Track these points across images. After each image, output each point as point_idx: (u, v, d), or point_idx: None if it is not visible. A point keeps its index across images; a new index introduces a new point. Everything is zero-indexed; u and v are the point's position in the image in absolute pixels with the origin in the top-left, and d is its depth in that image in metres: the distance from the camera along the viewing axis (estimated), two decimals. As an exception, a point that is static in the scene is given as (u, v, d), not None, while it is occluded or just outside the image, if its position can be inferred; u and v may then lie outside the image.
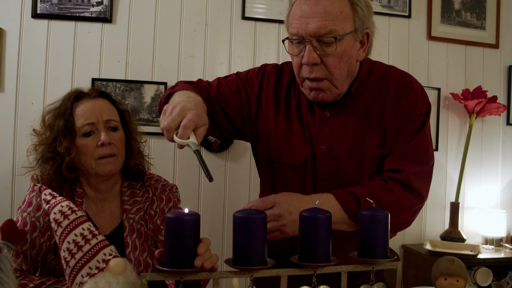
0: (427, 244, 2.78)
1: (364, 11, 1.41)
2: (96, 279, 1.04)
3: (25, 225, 1.48)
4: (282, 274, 1.00)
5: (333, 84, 1.42)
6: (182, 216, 0.89)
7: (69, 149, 1.51)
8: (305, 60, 1.38)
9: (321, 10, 1.35)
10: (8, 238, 0.98)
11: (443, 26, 3.09)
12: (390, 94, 1.49)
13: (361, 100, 1.50)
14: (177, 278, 0.91)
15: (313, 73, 1.40)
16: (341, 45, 1.37)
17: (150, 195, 1.65)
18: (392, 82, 1.51)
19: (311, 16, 1.36)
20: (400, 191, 1.40)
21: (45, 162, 1.53)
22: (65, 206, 1.14)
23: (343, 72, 1.42)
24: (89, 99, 1.58)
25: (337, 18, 1.36)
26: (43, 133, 1.57)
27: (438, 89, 3.05)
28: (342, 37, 1.36)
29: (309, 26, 1.36)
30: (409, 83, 1.52)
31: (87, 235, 1.10)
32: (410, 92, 1.49)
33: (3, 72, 2.55)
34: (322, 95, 1.43)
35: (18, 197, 2.54)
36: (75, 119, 1.54)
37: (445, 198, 3.09)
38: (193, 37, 2.74)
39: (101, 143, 1.52)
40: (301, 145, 1.53)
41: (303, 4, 1.39)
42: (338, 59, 1.38)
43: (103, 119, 1.55)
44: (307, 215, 0.99)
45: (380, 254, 1.05)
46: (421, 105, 1.50)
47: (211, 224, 2.72)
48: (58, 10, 2.60)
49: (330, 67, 1.39)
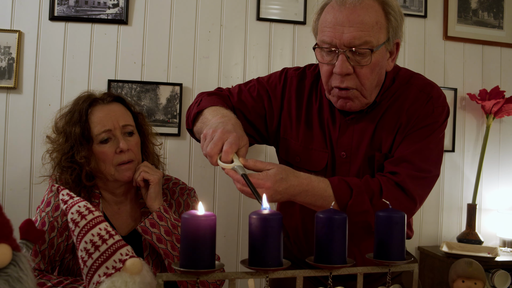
0: (444, 246, 2.75)
1: (398, 21, 1.40)
2: (113, 279, 1.05)
3: (44, 225, 1.50)
4: (297, 275, 0.99)
5: (362, 94, 1.40)
6: (199, 217, 0.89)
7: (88, 158, 1.51)
8: (337, 70, 1.35)
9: (357, 20, 1.32)
10: (27, 238, 1.00)
11: (460, 26, 3.06)
12: (408, 100, 1.47)
13: (380, 106, 1.49)
14: (193, 278, 0.92)
15: (344, 82, 1.37)
16: (375, 56, 1.35)
17: (168, 198, 1.66)
18: (413, 89, 1.49)
19: (346, 25, 1.32)
20: (394, 191, 1.37)
21: (63, 170, 1.53)
22: (82, 206, 1.15)
23: (373, 82, 1.40)
24: (103, 104, 1.58)
25: (373, 29, 1.33)
26: (58, 139, 1.57)
27: (455, 89, 3.02)
28: (377, 49, 1.34)
29: (344, 35, 1.32)
30: (431, 91, 1.49)
31: (104, 235, 1.11)
32: (429, 100, 1.46)
33: (22, 73, 2.59)
34: (350, 104, 1.42)
35: (36, 197, 2.57)
36: (91, 126, 1.53)
37: (461, 200, 3.05)
38: (208, 38, 2.75)
39: (120, 150, 1.52)
40: (322, 150, 1.51)
41: (337, 11, 1.35)
42: (371, 70, 1.37)
43: (119, 125, 1.55)
44: (323, 216, 0.98)
45: (396, 256, 1.05)
46: (438, 114, 1.46)
47: (226, 225, 2.73)
48: (75, 13, 2.63)
49: (362, 77, 1.37)
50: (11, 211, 0.90)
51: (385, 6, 1.37)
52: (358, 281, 1.04)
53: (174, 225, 1.51)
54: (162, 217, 1.50)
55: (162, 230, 1.48)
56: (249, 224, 0.94)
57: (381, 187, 1.37)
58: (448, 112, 1.52)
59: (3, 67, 2.56)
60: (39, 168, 2.56)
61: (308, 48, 2.84)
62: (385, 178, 1.39)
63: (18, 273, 0.85)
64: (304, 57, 2.84)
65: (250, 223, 0.93)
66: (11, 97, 2.58)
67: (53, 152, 1.57)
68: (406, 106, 1.46)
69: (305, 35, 2.85)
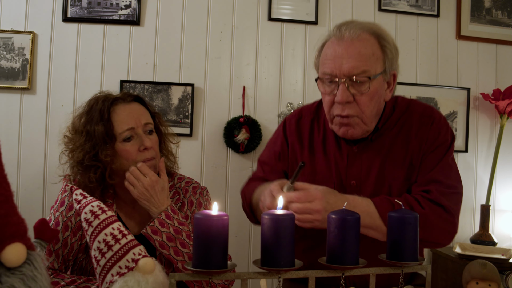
0: (457, 247, 2.73)
1: (393, 53, 1.49)
2: (125, 278, 1.05)
3: (57, 224, 1.51)
4: (310, 276, 0.99)
5: (362, 121, 1.48)
6: (211, 217, 0.89)
7: (112, 157, 1.52)
8: (338, 99, 1.44)
9: (355, 51, 1.42)
10: (41, 237, 1.00)
11: (473, 25, 3.03)
12: (413, 127, 1.55)
13: (386, 136, 1.56)
14: (206, 278, 0.92)
15: (345, 110, 1.45)
16: (373, 85, 1.44)
17: (181, 197, 1.66)
18: (414, 116, 1.57)
19: (345, 56, 1.42)
20: (433, 206, 1.42)
21: (85, 169, 1.54)
22: (95, 206, 1.16)
23: (373, 110, 1.48)
24: (125, 103, 1.59)
25: (370, 59, 1.43)
26: (78, 139, 1.56)
27: (468, 89, 2.99)
28: (374, 77, 1.43)
29: (343, 66, 1.42)
30: (432, 114, 1.57)
31: (117, 234, 1.11)
32: (433, 122, 1.55)
33: (35, 75, 2.62)
34: (351, 131, 1.49)
35: (49, 197, 2.59)
36: (114, 124, 1.53)
37: (475, 201, 3.03)
38: (220, 39, 2.76)
39: (144, 148, 1.53)
40: (327, 180, 1.58)
41: (336, 45, 1.46)
42: (370, 98, 1.45)
43: (141, 123, 1.56)
44: (336, 216, 0.98)
45: (409, 257, 1.04)
46: (444, 134, 1.55)
47: (238, 225, 2.73)
48: (88, 14, 2.65)
49: (362, 105, 1.45)
50: (25, 211, 0.91)
51: (380, 40, 1.47)
52: (371, 283, 1.04)
53: (177, 230, 1.49)
54: (169, 216, 1.51)
55: (171, 229, 1.49)
56: (262, 224, 0.94)
57: (420, 203, 1.42)
58: (452, 132, 1.59)
59: (17, 68, 2.59)
60: (53, 168, 2.59)
61: (319, 48, 2.84)
62: (419, 196, 1.44)
63: (33, 272, 0.86)
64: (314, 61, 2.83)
65: (262, 223, 0.93)
66: (25, 97, 2.60)
67: (71, 152, 1.57)
68: (413, 133, 1.55)
69: (316, 35, 2.84)
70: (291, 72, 2.82)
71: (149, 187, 1.50)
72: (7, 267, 0.83)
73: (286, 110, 2.77)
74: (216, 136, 2.73)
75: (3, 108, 2.59)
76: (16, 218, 0.87)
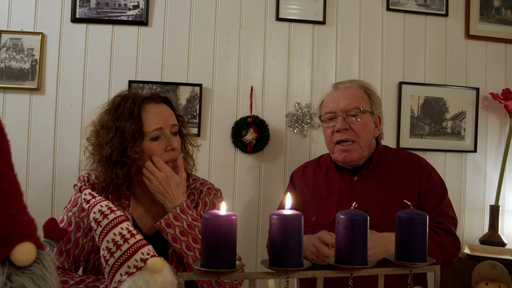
0: (466, 248, 2.71)
1: (377, 99, 1.99)
2: (134, 278, 1.05)
3: (70, 224, 1.51)
4: (318, 276, 0.99)
5: (359, 145, 1.89)
6: (220, 217, 0.90)
7: (141, 154, 1.54)
8: (337, 127, 1.89)
9: (348, 94, 1.93)
10: (50, 236, 1.01)
11: (482, 24, 3.01)
12: (405, 167, 1.95)
13: (382, 170, 1.96)
14: (214, 278, 0.92)
15: (343, 136, 1.89)
16: (363, 117, 1.90)
17: (195, 198, 1.68)
18: (405, 159, 1.99)
19: (341, 98, 1.93)
20: (446, 234, 1.81)
21: (113, 164, 1.55)
22: (104, 205, 1.16)
23: (367, 137, 1.91)
24: (155, 103, 1.62)
25: (360, 100, 1.92)
26: (105, 134, 1.57)
27: (477, 89, 2.98)
28: (364, 111, 1.90)
29: (340, 104, 1.92)
30: (419, 159, 2.00)
31: (125, 234, 1.12)
32: (423, 168, 1.95)
33: (44, 75, 2.63)
34: (350, 156, 1.89)
35: (59, 197, 2.60)
36: (143, 123, 1.56)
37: (484, 201, 3.01)
38: (228, 39, 2.76)
39: (170, 148, 1.57)
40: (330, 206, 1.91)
41: (334, 93, 1.99)
42: (363, 126, 1.89)
43: (169, 124, 1.60)
44: (344, 217, 0.98)
45: (418, 257, 1.04)
46: (434, 175, 1.96)
47: (246, 225, 2.73)
48: (96, 14, 2.66)
49: (357, 131, 1.88)
50: (34, 210, 0.91)
51: (366, 90, 1.97)
52: (379, 283, 1.03)
53: (190, 225, 1.51)
54: (184, 211, 1.53)
55: (184, 224, 1.51)
56: (270, 224, 0.94)
57: (436, 233, 1.79)
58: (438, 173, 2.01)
59: (27, 69, 2.60)
60: (62, 167, 2.61)
61: (327, 48, 2.83)
62: (434, 226, 1.81)
63: (42, 271, 0.87)
64: (323, 57, 2.83)
65: (270, 223, 0.93)
66: (34, 98, 2.62)
67: (98, 147, 1.58)
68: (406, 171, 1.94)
69: (324, 35, 2.84)
70: (299, 72, 2.81)
71: (163, 181, 1.54)
72: (17, 266, 0.84)
73: (294, 110, 2.77)
74: (224, 136, 2.73)
75: (13, 108, 2.61)
76: (26, 217, 0.88)
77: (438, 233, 1.79)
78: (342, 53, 2.86)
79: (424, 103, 2.91)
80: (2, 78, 2.59)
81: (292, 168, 2.30)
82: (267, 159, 2.77)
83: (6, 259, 0.83)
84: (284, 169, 2.77)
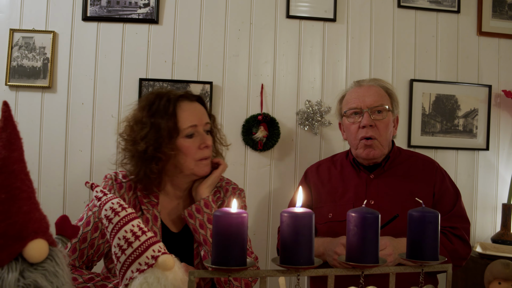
0: (478, 246, 2.69)
1: (396, 100, 2.04)
2: (145, 275, 1.06)
3: (88, 224, 1.52)
4: (329, 274, 0.99)
5: (380, 144, 1.93)
6: (231, 215, 0.90)
7: (176, 151, 1.57)
8: (364, 123, 1.91)
9: (373, 92, 1.97)
10: (62, 233, 1.02)
11: (495, 20, 2.98)
12: (418, 168, 1.99)
13: (397, 169, 2.00)
14: (225, 276, 0.92)
15: (368, 132, 1.91)
16: (388, 115, 1.95)
17: (221, 196, 1.72)
18: (419, 161, 2.03)
19: (366, 95, 1.96)
20: (459, 242, 1.83)
21: (148, 160, 1.57)
22: (115, 203, 1.17)
23: (388, 136, 1.95)
24: (190, 102, 1.65)
25: (384, 97, 1.97)
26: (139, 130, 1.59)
27: (489, 86, 2.95)
28: (388, 109, 1.95)
29: (366, 100, 1.94)
30: (432, 161, 2.04)
31: (136, 231, 1.12)
32: (437, 169, 1.99)
33: (56, 73, 2.65)
34: (373, 152, 1.92)
35: (70, 194, 2.62)
36: (179, 120, 1.58)
37: (496, 199, 2.98)
38: (238, 37, 2.76)
39: (204, 146, 1.60)
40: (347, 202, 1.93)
41: (358, 89, 2.01)
42: (386, 125, 1.94)
43: (203, 122, 1.63)
44: (356, 215, 0.97)
45: (429, 256, 1.03)
46: (447, 178, 1.98)
47: (256, 223, 2.73)
48: (107, 13, 2.67)
49: (380, 129, 1.92)
50: (46, 207, 0.92)
51: (386, 89, 2.02)
52: (390, 282, 1.03)
53: (210, 220, 1.57)
54: (208, 205, 1.57)
55: (205, 217, 1.55)
56: (281, 221, 0.93)
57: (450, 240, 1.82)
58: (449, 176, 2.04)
59: (39, 67, 2.62)
60: (73, 165, 2.62)
61: (338, 46, 2.82)
62: (448, 232, 1.84)
63: (55, 268, 0.87)
64: (334, 54, 2.82)
65: (281, 221, 0.93)
66: (46, 96, 2.64)
67: (132, 142, 1.59)
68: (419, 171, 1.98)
69: (335, 32, 2.83)
70: (310, 69, 2.81)
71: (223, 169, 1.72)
72: (30, 263, 0.85)
73: (305, 108, 2.76)
74: (234, 134, 2.73)
75: (25, 106, 2.63)
76: (38, 214, 0.88)
77: (452, 240, 1.82)
78: (353, 51, 2.84)
79: (436, 100, 2.89)
80: (14, 77, 2.61)
81: (303, 166, 2.30)
82: (277, 157, 2.76)
83: (19, 255, 0.84)
84: (295, 167, 2.76)
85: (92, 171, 2.65)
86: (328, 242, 1.82)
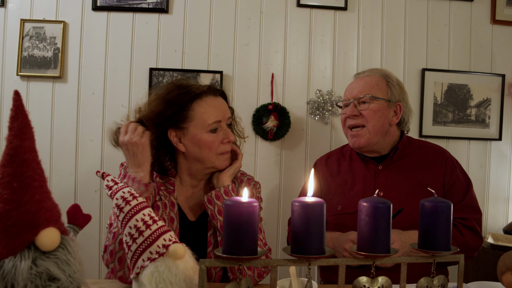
0: (489, 237, 2.67)
1: (396, 89, 1.99)
2: (156, 264, 1.07)
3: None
4: (340, 264, 0.98)
5: (368, 131, 1.92)
6: (241, 204, 0.89)
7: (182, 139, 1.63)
8: (348, 112, 1.96)
9: (363, 83, 1.99)
10: (74, 222, 1.03)
11: (509, 8, 2.93)
12: (429, 158, 1.97)
13: (406, 160, 1.98)
14: (236, 264, 0.92)
15: (353, 121, 1.95)
16: (374, 104, 1.93)
17: (236, 186, 1.73)
18: (429, 151, 2.01)
19: (355, 86, 2.00)
20: (471, 234, 1.82)
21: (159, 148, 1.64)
22: (126, 192, 1.17)
23: (377, 123, 1.93)
24: (213, 96, 1.66)
25: (373, 87, 1.96)
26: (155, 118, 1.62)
27: (503, 75, 2.91)
28: (374, 98, 1.93)
29: (353, 91, 1.98)
30: (443, 151, 2.01)
31: (147, 220, 1.13)
32: (447, 159, 1.97)
33: (67, 63, 2.66)
34: (358, 141, 1.94)
35: (81, 183, 2.64)
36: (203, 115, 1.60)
37: (508, 190, 2.95)
38: (248, 26, 2.74)
39: (227, 141, 1.64)
40: (356, 194, 1.94)
41: (353, 82, 2.04)
42: (373, 112, 1.92)
43: (226, 117, 1.65)
44: (367, 204, 0.97)
45: (442, 246, 1.02)
46: (458, 168, 1.97)
47: (267, 213, 2.73)
48: (117, 2, 2.66)
49: (367, 116, 1.92)
50: (57, 196, 0.92)
51: (387, 78, 2.00)
52: (402, 271, 1.02)
53: None
54: (228, 192, 1.60)
55: (215, 209, 1.58)
56: (292, 211, 0.93)
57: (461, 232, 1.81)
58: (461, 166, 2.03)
59: (49, 57, 2.63)
60: (84, 154, 2.63)
61: (349, 34, 2.80)
62: (459, 223, 1.82)
63: (67, 256, 0.88)
64: (345, 43, 2.79)
65: (293, 211, 0.93)
66: (57, 86, 2.65)
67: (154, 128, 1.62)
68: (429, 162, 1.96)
69: (346, 21, 2.80)
70: (320, 58, 2.79)
71: None
72: (42, 251, 0.85)
73: (315, 97, 2.75)
74: (244, 123, 2.71)
75: (36, 96, 2.64)
76: (50, 203, 0.89)
77: (462, 232, 1.81)
78: (364, 40, 2.82)
79: (448, 90, 2.86)
80: (25, 67, 2.62)
81: (313, 156, 2.29)
82: (288, 147, 2.76)
83: (31, 243, 0.85)
84: (305, 156, 2.75)
85: (103, 160, 2.66)
86: (337, 238, 1.83)
